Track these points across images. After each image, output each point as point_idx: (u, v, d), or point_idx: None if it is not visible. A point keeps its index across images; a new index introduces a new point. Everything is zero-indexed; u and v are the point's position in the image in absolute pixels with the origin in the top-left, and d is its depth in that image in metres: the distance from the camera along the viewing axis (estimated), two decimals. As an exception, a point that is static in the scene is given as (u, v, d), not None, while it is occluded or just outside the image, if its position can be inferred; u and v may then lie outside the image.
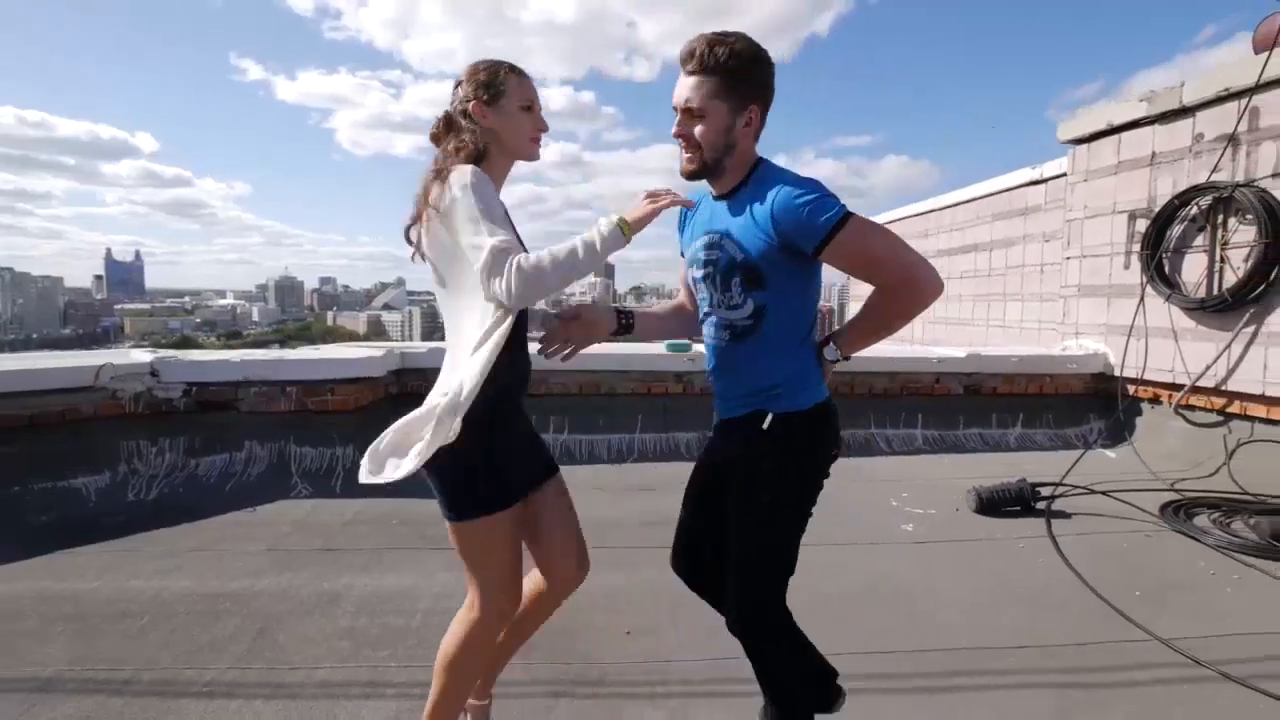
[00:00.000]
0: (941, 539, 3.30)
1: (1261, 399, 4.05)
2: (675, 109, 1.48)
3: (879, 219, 9.73)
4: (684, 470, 1.75)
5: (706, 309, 1.58)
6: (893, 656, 2.25)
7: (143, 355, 4.21)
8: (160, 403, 4.07)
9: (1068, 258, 5.46)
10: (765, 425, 1.48)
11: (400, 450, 1.45)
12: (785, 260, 1.43)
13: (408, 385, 4.68)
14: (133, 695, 2.04)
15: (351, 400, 4.22)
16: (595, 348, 2.01)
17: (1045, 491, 3.77)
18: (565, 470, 1.76)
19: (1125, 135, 4.90)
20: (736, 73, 1.43)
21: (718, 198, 1.55)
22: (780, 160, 1.72)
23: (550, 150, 1.82)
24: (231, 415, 4.16)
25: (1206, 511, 3.52)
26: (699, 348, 5.08)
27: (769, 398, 1.50)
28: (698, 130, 1.45)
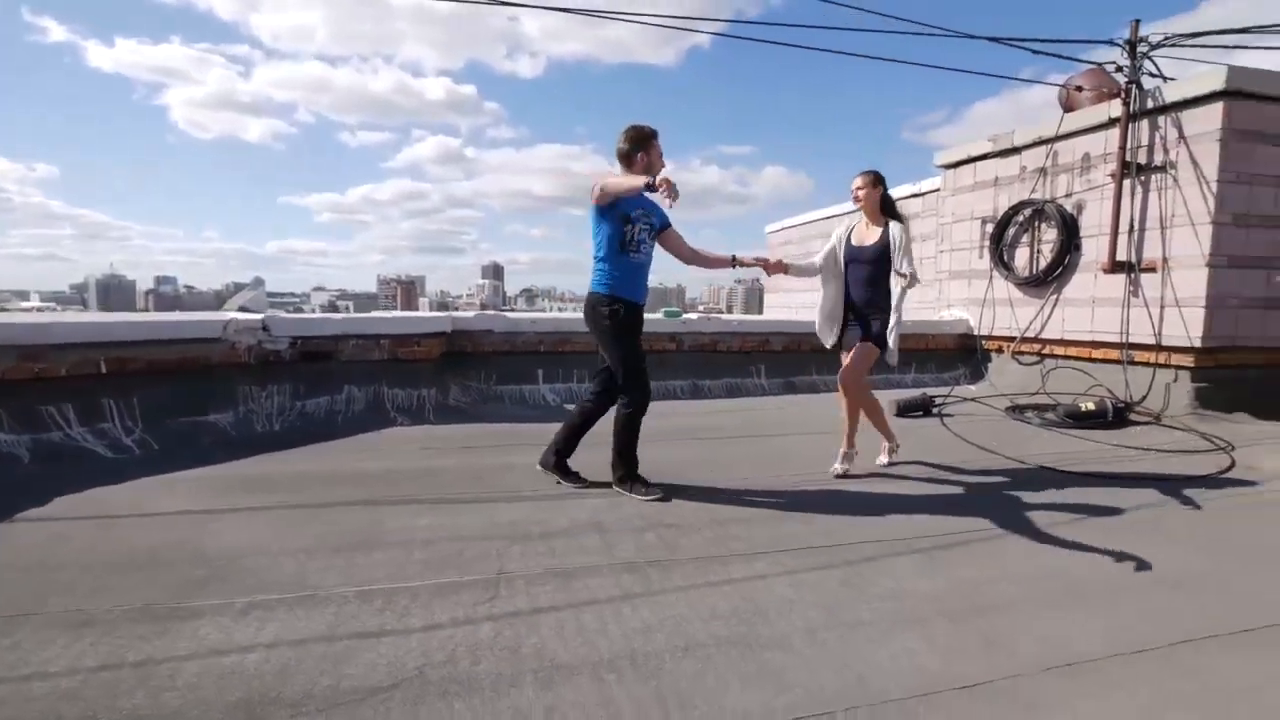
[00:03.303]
0: (874, 429, 4.97)
1: (1061, 342, 6.14)
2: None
3: (787, 223, 11.71)
4: (678, 406, 3.31)
5: (645, 244, 3.30)
6: (856, 467, 3.88)
7: (254, 315, 4.95)
8: (269, 354, 4.75)
9: (940, 251, 7.49)
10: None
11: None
12: None
13: (456, 344, 5.66)
14: (429, 503, 3.19)
15: (433, 350, 5.28)
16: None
17: (938, 402, 5.59)
18: None
19: (979, 164, 6.94)
20: None
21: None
22: (671, 166, 3.46)
23: (427, 144, 2.86)
24: (331, 364, 4.95)
25: (1031, 410, 5.44)
26: (689, 315, 6.53)
27: None
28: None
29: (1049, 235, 6.15)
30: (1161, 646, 2.06)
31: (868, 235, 3.66)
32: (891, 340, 3.58)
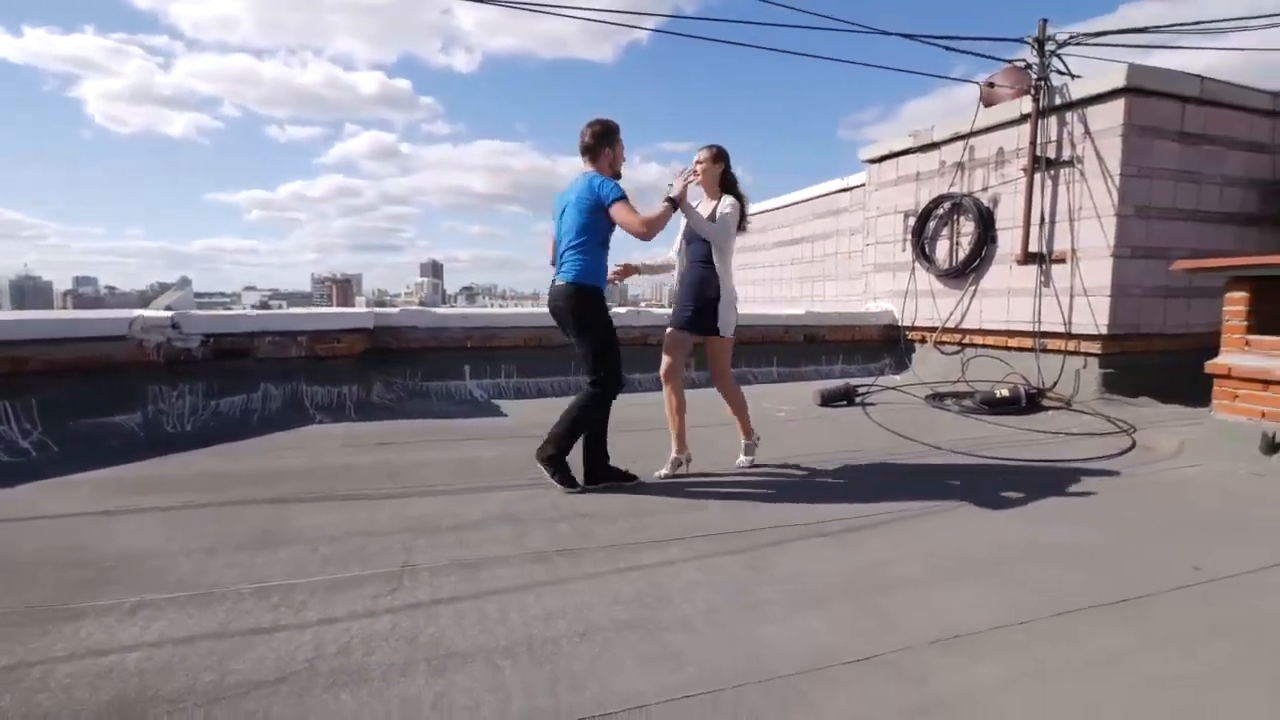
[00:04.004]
0: (800, 417, 5.15)
1: (980, 331, 6.39)
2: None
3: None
4: None
5: None
6: (776, 456, 3.97)
7: (162, 312, 4.72)
8: (179, 352, 4.54)
9: (867, 244, 7.69)
10: None
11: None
12: None
13: (380, 341, 5.55)
14: (340, 499, 3.12)
15: (355, 347, 5.17)
16: (531, 309, 3.61)
17: (861, 391, 5.74)
18: (517, 404, 3.27)
19: (901, 159, 7.16)
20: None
21: None
22: None
23: (361, 139, 2.75)
24: (246, 362, 4.79)
25: (950, 398, 5.65)
26: (618, 310, 6.54)
27: None
28: None
29: (967, 228, 6.39)
30: (1044, 618, 2.16)
31: (703, 211, 3.57)
32: (724, 316, 3.52)
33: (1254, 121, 5.85)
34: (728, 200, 3.52)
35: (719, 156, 3.58)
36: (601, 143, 3.27)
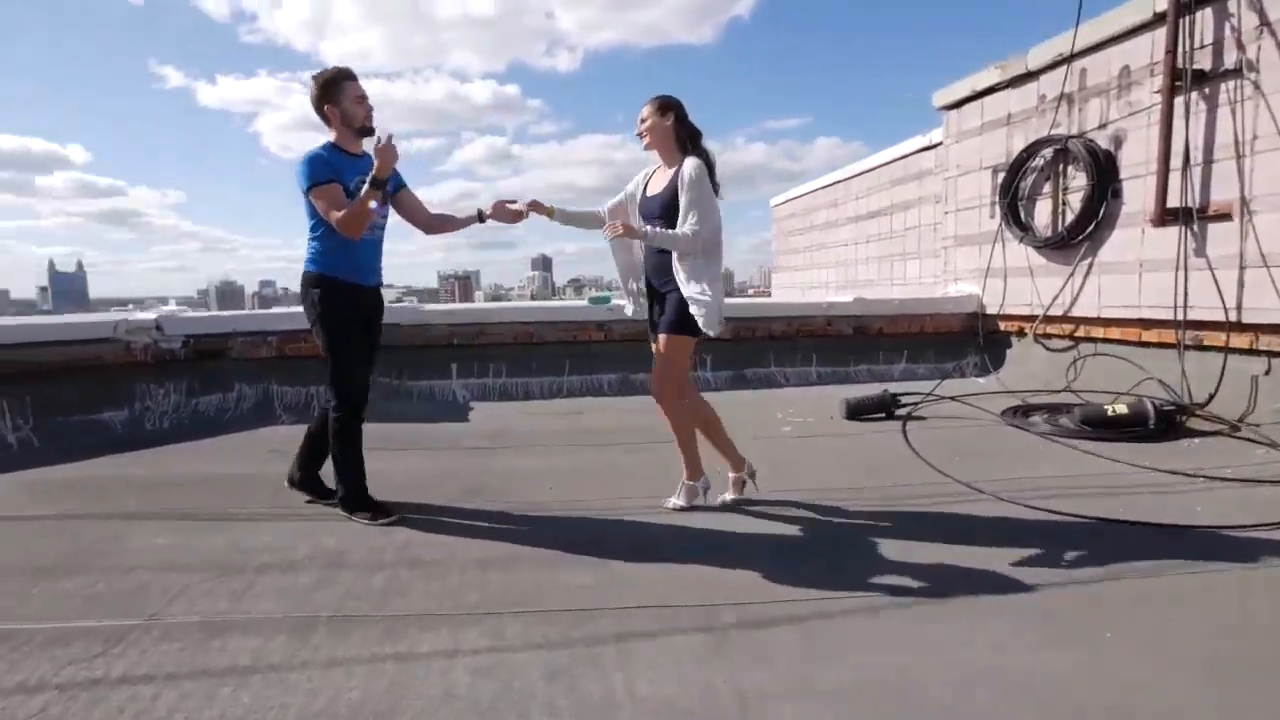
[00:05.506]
0: (812, 434, 3.92)
1: (1098, 321, 4.69)
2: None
3: (791, 194, 10.53)
4: (598, 403, 2.32)
5: (376, 211, 2.58)
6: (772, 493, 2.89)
7: (148, 314, 4.88)
8: (164, 353, 4.63)
9: (946, 212, 6.08)
10: None
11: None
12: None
13: None
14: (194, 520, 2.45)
15: (322, 347, 4.87)
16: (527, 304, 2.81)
17: (909, 401, 4.34)
18: (497, 406, 2.40)
19: (987, 99, 5.52)
20: None
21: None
22: (715, 146, 2.69)
23: (476, 145, 2.87)
24: (224, 362, 4.81)
25: (1041, 412, 4.11)
26: (618, 300, 5.56)
27: None
28: None
29: (1077, 181, 4.70)
30: None
31: (659, 181, 2.72)
32: (701, 313, 2.53)
33: None
34: (690, 162, 2.58)
35: (665, 107, 2.68)
36: (322, 100, 2.60)
